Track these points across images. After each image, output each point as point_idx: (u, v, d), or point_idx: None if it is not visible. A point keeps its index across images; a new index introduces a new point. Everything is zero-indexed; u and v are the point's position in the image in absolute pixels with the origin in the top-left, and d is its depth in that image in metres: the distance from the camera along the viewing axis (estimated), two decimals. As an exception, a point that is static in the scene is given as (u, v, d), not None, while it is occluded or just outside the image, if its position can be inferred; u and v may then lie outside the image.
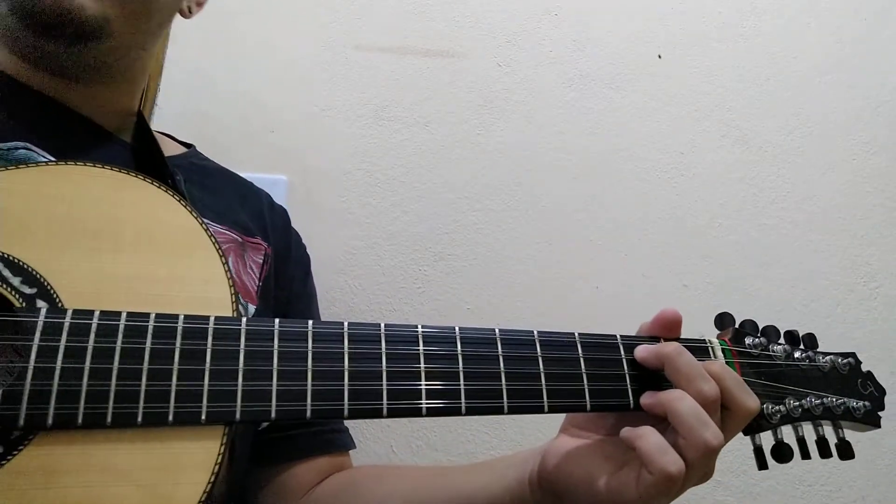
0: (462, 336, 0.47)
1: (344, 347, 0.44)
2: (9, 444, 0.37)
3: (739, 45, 1.17)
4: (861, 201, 1.16)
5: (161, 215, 0.46)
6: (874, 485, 1.06)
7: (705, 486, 1.08)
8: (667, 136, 1.12)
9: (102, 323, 0.40)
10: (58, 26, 0.51)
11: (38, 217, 0.43)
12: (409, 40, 1.08)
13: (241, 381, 0.41)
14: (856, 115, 1.18)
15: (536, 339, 0.48)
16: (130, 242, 0.44)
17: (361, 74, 1.06)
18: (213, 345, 0.42)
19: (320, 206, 1.01)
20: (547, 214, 1.07)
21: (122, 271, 0.43)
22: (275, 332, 0.43)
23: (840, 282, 1.12)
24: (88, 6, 0.51)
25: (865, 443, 1.08)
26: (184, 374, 0.40)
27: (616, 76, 1.13)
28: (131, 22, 0.56)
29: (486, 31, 1.11)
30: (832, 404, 0.55)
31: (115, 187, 0.46)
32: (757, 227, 1.12)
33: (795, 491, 1.04)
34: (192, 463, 0.40)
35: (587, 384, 0.47)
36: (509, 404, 0.46)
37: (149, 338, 0.41)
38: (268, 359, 0.42)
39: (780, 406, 0.53)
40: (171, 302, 0.43)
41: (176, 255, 0.45)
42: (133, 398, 0.39)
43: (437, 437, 0.97)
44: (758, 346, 0.55)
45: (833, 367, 0.57)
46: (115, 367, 0.39)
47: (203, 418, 0.40)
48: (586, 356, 0.49)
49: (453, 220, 1.04)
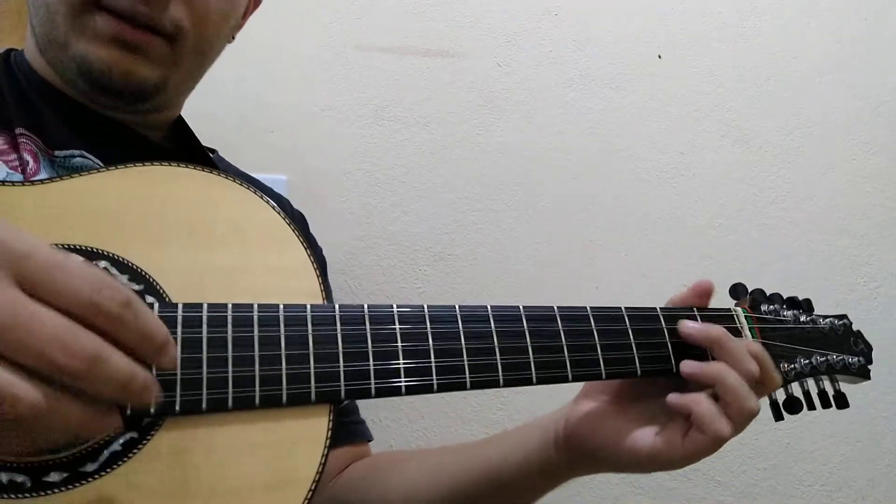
0: (527, 315, 0.52)
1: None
2: (141, 431, 0.40)
3: (739, 45, 1.17)
4: (861, 201, 1.16)
5: (248, 211, 0.49)
6: (874, 485, 1.06)
7: (705, 487, 1.08)
8: (667, 136, 1.12)
9: (212, 315, 0.43)
10: (122, 93, 0.55)
11: (134, 216, 0.45)
12: (409, 40, 1.08)
13: (342, 363, 0.45)
14: (856, 115, 1.18)
15: (590, 314, 0.54)
16: (223, 237, 0.47)
17: (361, 74, 1.06)
18: (313, 330, 0.45)
19: (320, 206, 1.01)
20: (547, 214, 1.07)
21: (220, 265, 0.46)
22: (365, 315, 0.47)
23: (840, 282, 1.12)
24: (151, 77, 0.55)
25: (865, 443, 1.08)
26: (291, 359, 0.44)
27: (616, 76, 1.13)
28: (187, 77, 0.61)
29: (486, 31, 1.11)
30: (833, 361, 0.62)
31: (201, 185, 0.48)
32: (757, 227, 1.12)
33: (795, 491, 1.04)
34: (306, 439, 0.43)
35: (636, 352, 0.54)
36: (573, 373, 0.51)
37: (255, 326, 0.43)
38: (362, 341, 0.46)
39: (793, 364, 0.60)
40: (267, 292, 0.46)
41: (266, 248, 0.48)
42: (249, 383, 0.42)
43: (437, 437, 0.97)
44: (772, 312, 0.62)
45: (831, 328, 0.65)
46: (230, 354, 0.42)
47: (313, 398, 0.43)
48: (634, 327, 0.55)
49: (453, 220, 1.04)
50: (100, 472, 0.38)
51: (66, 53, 0.53)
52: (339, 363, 0.45)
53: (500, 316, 0.51)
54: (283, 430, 0.43)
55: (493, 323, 0.50)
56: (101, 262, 0.42)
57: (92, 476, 0.38)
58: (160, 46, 0.54)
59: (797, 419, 1.05)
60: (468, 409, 0.99)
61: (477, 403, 0.99)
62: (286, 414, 0.43)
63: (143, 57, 0.54)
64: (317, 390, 0.44)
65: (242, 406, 0.42)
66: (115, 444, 0.39)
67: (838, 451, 1.06)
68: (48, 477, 0.37)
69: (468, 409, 0.99)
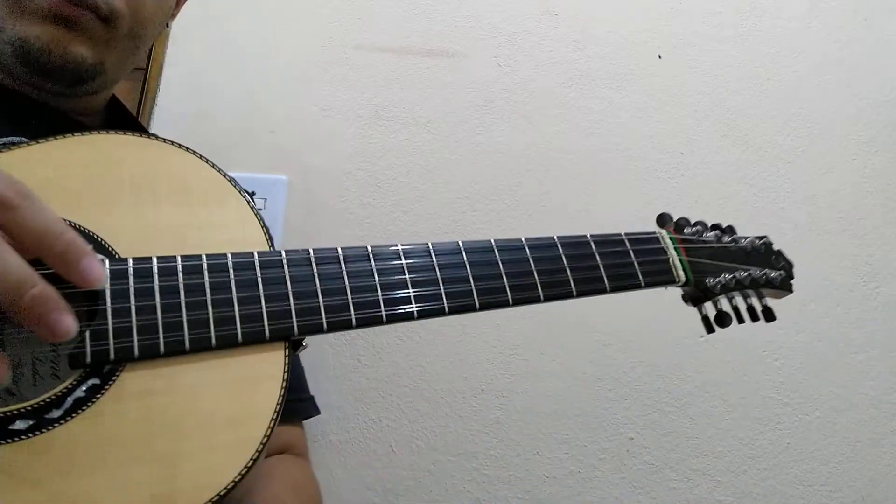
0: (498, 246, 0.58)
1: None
2: (103, 377, 0.41)
3: (739, 45, 1.17)
4: (861, 201, 1.16)
5: (189, 169, 0.50)
6: (874, 485, 1.06)
7: (705, 487, 1.08)
8: (667, 136, 1.12)
9: (162, 265, 0.45)
10: (59, 73, 0.56)
11: (79, 182, 0.46)
12: (409, 40, 1.08)
13: (292, 302, 0.47)
14: (856, 115, 1.18)
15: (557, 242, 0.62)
16: (167, 195, 0.48)
17: (361, 74, 1.06)
18: (261, 273, 0.47)
19: (320, 206, 1.01)
20: (547, 214, 1.07)
21: (165, 221, 0.47)
22: (311, 258, 0.49)
23: (840, 282, 1.12)
24: (88, 56, 0.57)
25: (865, 443, 1.08)
26: (243, 301, 0.46)
27: (616, 76, 1.13)
28: (123, 60, 0.61)
29: (486, 31, 1.11)
30: (756, 275, 0.67)
31: (140, 148, 0.50)
32: (757, 227, 1.12)
33: (795, 491, 1.04)
34: (265, 374, 0.45)
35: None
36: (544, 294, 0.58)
37: (206, 274, 0.45)
38: (310, 280, 0.48)
39: (718, 279, 0.64)
40: (215, 244, 0.48)
41: (210, 203, 0.50)
42: (204, 325, 0.44)
43: (437, 437, 0.97)
44: (695, 234, 0.67)
45: (752, 247, 0.70)
46: (182, 300, 0.44)
47: (267, 336, 0.46)
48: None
49: (453, 220, 1.04)
50: (65, 417, 0.40)
51: (1, 37, 0.54)
52: (289, 302, 0.47)
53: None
54: (242, 368, 0.45)
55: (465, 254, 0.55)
56: None
57: (58, 421, 0.39)
58: (95, 25, 0.56)
59: (797, 419, 1.05)
60: (468, 409, 0.99)
61: (477, 403, 0.99)
62: (243, 352, 0.45)
63: (80, 35, 0.55)
64: (270, 328, 0.46)
65: (199, 348, 0.44)
66: (78, 390, 0.40)
67: (838, 451, 1.06)
68: (13, 425, 0.38)
69: (468, 409, 0.99)
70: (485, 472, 0.96)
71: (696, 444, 1.01)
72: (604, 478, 0.99)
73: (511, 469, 0.97)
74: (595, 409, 1.00)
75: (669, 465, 1.00)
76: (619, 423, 1.01)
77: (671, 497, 1.01)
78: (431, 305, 0.51)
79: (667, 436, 1.01)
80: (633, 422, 1.01)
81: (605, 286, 0.60)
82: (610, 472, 0.99)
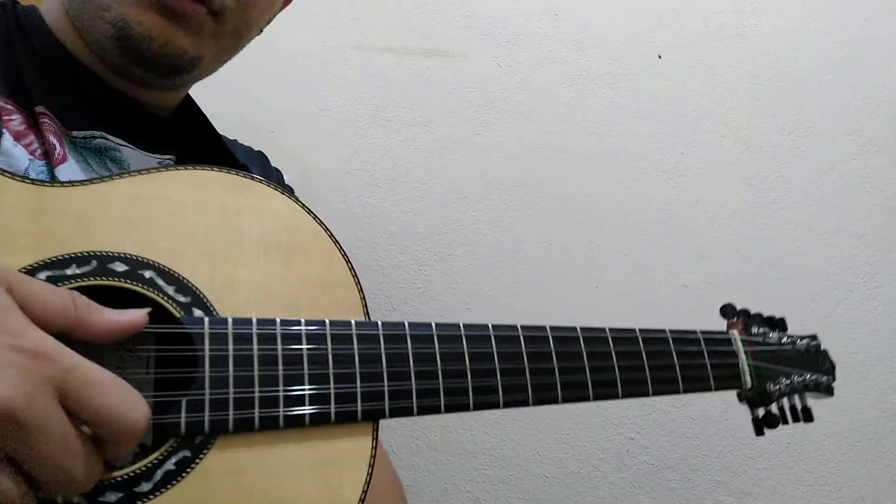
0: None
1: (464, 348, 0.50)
2: (194, 449, 0.40)
3: (739, 45, 1.17)
4: (861, 201, 1.16)
5: (287, 220, 0.49)
6: (874, 485, 1.06)
7: (705, 487, 1.08)
8: (667, 136, 1.12)
9: (262, 331, 0.43)
10: (156, 63, 0.53)
11: (176, 225, 0.44)
12: (409, 40, 1.08)
13: (386, 383, 0.46)
14: (856, 115, 1.18)
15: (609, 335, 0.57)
16: (267, 249, 0.47)
17: (361, 74, 1.06)
18: (358, 349, 0.46)
19: (320, 206, 1.01)
20: (547, 214, 1.07)
21: (262, 278, 0.46)
22: (406, 335, 0.48)
23: (840, 282, 1.12)
24: (189, 49, 0.54)
25: (865, 443, 1.08)
26: (339, 378, 0.44)
27: (616, 76, 1.13)
28: (220, 56, 0.60)
29: (486, 31, 1.11)
30: (807, 380, 0.67)
31: (233, 191, 0.47)
32: (757, 227, 1.12)
33: (795, 491, 1.04)
34: (352, 457, 0.44)
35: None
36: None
37: (304, 343, 0.44)
38: (404, 360, 0.47)
39: (778, 385, 0.64)
40: (313, 306, 0.46)
41: (309, 259, 0.48)
42: (299, 402, 0.43)
43: (437, 437, 0.97)
44: (761, 335, 0.67)
45: (806, 348, 0.69)
46: (280, 373, 0.43)
47: (359, 417, 0.45)
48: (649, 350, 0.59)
49: (453, 220, 1.04)
50: (154, 491, 0.38)
51: (104, 16, 0.51)
52: (383, 383, 0.46)
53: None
54: (331, 448, 0.44)
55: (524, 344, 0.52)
56: (146, 272, 0.42)
57: (147, 496, 0.38)
58: (204, 19, 0.53)
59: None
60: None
61: (477, 403, 0.99)
62: (333, 432, 0.44)
63: (185, 28, 0.52)
64: (363, 409, 0.45)
65: (293, 424, 0.42)
66: (168, 462, 0.39)
67: (838, 451, 1.06)
68: (104, 497, 0.37)
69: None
70: (485, 472, 0.96)
71: (696, 444, 1.01)
72: (604, 478, 0.99)
73: (511, 469, 0.97)
74: (595, 409, 1.00)
75: (669, 465, 1.00)
76: (619, 423, 1.01)
77: (671, 497, 1.01)
78: (517, 396, 0.50)
79: (667, 436, 1.01)
80: (633, 422, 1.01)
81: (679, 388, 0.58)
82: (610, 472, 0.99)
